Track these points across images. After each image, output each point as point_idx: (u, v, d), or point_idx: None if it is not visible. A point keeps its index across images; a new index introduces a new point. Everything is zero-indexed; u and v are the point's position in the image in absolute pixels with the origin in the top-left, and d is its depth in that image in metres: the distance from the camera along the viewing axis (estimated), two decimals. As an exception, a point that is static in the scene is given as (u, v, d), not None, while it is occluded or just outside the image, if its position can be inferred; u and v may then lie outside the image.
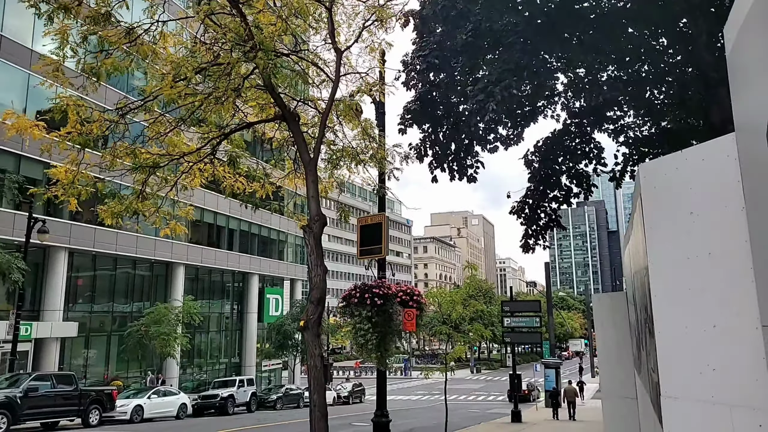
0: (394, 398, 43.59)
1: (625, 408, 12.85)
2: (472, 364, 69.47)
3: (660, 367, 5.60)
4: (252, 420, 22.57)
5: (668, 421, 5.47)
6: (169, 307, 27.73)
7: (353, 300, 9.19)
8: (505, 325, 23.05)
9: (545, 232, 9.98)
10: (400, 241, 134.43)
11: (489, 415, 27.34)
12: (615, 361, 13.24)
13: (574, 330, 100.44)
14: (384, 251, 9.88)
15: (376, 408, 9.84)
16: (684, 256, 5.50)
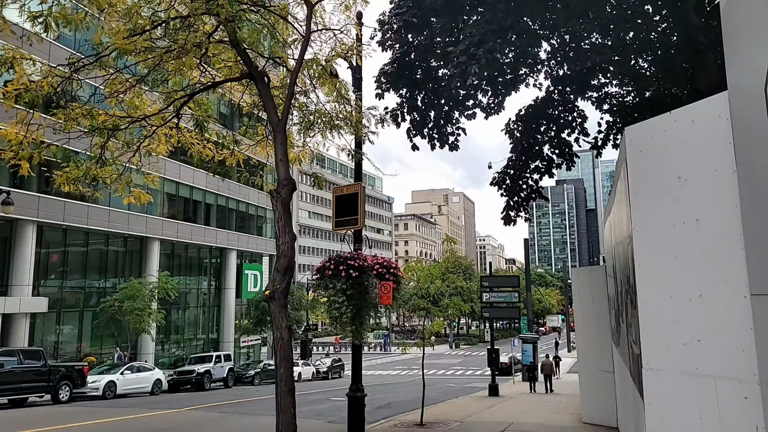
0: (374, 373, 43.83)
1: (601, 381, 12.85)
2: (451, 340, 70.17)
3: (642, 338, 5.41)
4: (228, 395, 22.34)
5: (650, 394, 5.30)
6: (143, 282, 27.12)
7: (327, 272, 8.84)
8: (484, 300, 23.00)
9: (527, 204, 9.73)
10: (381, 218, 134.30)
11: (467, 389, 27.52)
12: (592, 335, 13.21)
13: (552, 306, 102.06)
14: (360, 222, 9.52)
15: (352, 382, 9.60)
16: (670, 223, 5.26)
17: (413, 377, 39.40)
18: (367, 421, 14.73)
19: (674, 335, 4.93)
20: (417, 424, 12.69)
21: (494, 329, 24.44)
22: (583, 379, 13.03)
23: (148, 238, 33.93)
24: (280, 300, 5.47)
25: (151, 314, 25.21)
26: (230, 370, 28.64)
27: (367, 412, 17.38)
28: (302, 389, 27.28)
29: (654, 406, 5.08)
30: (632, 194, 5.53)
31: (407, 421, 13.32)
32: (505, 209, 9.88)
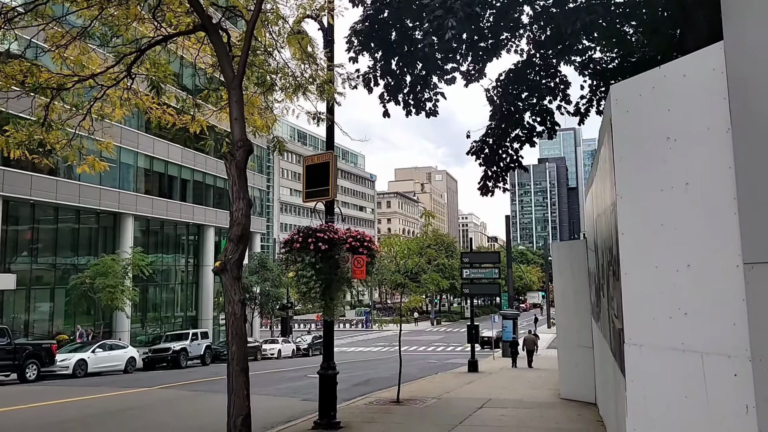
0: (355, 350, 43.78)
1: (580, 357, 12.67)
2: (432, 317, 70.52)
3: (625, 311, 5.05)
4: (203, 373, 21.95)
5: (632, 371, 4.97)
6: (115, 258, 26.35)
7: (296, 245, 8.37)
8: (465, 277, 22.78)
9: (506, 174, 9.31)
10: (364, 195, 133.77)
11: (447, 365, 27.47)
12: (572, 310, 12.99)
13: (532, 283, 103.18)
14: (331, 193, 9.03)
15: (323, 360, 9.21)
16: (657, 188, 4.86)
17: (394, 354, 39.38)
18: (344, 398, 14.49)
19: (659, 308, 4.57)
20: (393, 401, 12.41)
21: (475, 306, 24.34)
22: (562, 355, 12.85)
23: (122, 214, 33.02)
24: (233, 272, 4.99)
25: (124, 291, 24.53)
26: (207, 347, 28.20)
27: (344, 389, 17.14)
28: (281, 366, 27.05)
29: (636, 383, 4.74)
30: (617, 158, 5.11)
31: (384, 398, 13.04)
32: (482, 179, 9.44)
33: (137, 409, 12.08)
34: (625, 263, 4.94)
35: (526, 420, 9.49)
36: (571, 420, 9.45)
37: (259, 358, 32.57)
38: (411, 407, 11.51)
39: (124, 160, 33.17)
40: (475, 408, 11.06)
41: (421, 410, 11.02)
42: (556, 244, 13.96)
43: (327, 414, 8.82)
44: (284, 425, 9.52)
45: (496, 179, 9.44)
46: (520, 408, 11.11)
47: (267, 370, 24.01)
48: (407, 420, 9.66)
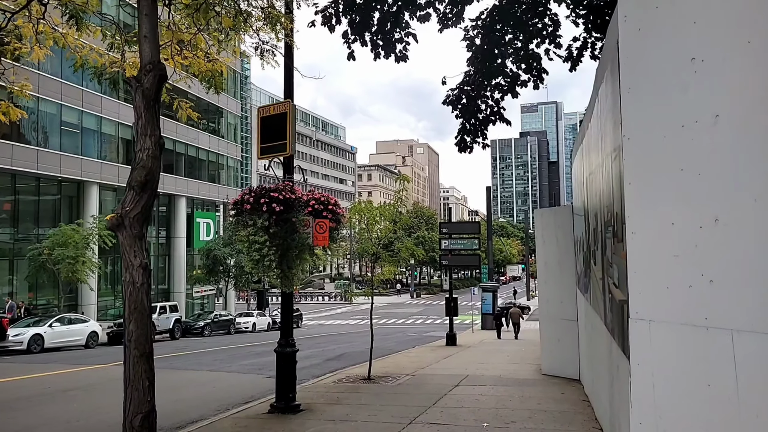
0: (333, 323, 43.14)
1: (564, 330, 11.92)
2: (412, 289, 70.18)
3: (631, 280, 4.10)
4: (170, 348, 20.93)
5: (638, 352, 4.05)
6: (76, 228, 24.86)
7: (246, 206, 7.29)
8: (443, 248, 21.93)
9: (486, 127, 8.29)
10: (344, 168, 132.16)
11: (425, 338, 26.86)
12: (555, 281, 12.18)
13: (512, 256, 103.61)
14: (289, 147, 7.92)
15: (281, 336, 8.23)
16: (676, 123, 3.87)
17: (372, 327, 38.82)
18: (314, 375, 13.65)
19: (676, 275, 3.63)
20: (364, 378, 11.56)
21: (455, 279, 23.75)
22: (544, 329, 12.07)
23: (85, 182, 31.38)
24: (133, 228, 3.93)
25: (86, 263, 23.19)
26: (177, 321, 27.15)
27: (316, 364, 16.30)
28: (253, 340, 26.15)
29: (643, 368, 3.83)
30: (624, 89, 4.09)
31: (355, 375, 12.19)
32: (460, 133, 8.41)
33: (81, 390, 11.05)
34: (632, 220, 3.98)
35: (506, 400, 8.68)
36: (555, 400, 8.66)
37: (233, 331, 31.64)
38: (382, 385, 10.66)
39: (87, 125, 31.39)
40: (451, 386, 10.24)
41: (392, 389, 10.17)
42: (539, 210, 12.97)
43: (285, 396, 7.88)
44: (239, 408, 8.58)
45: (475, 133, 8.41)
46: (499, 386, 10.33)
47: (237, 344, 23.09)
48: (376, 401, 8.78)
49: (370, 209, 11.33)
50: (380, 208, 11.43)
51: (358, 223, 11.76)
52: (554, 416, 7.41)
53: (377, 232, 11.66)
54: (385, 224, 11.58)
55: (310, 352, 19.65)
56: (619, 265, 4.45)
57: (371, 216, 11.27)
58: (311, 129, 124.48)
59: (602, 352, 6.11)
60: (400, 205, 11.97)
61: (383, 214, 11.44)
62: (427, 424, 7.00)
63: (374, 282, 12.20)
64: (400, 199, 12.03)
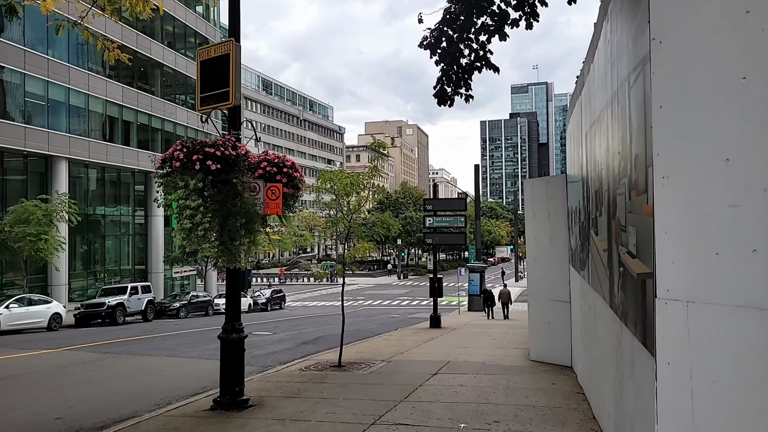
0: (317, 305, 42.14)
1: (554, 313, 10.84)
2: (399, 270, 69.31)
3: (660, 244, 2.86)
4: (138, 330, 19.71)
5: (671, 345, 2.78)
6: (38, 204, 23.33)
7: (176, 164, 6.03)
8: (427, 225, 20.76)
9: (470, 76, 7.04)
10: (333, 148, 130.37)
11: (410, 320, 25.88)
12: (546, 258, 11.07)
13: (501, 237, 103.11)
14: (232, 96, 6.63)
15: (226, 320, 7.03)
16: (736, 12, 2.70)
17: (356, 308, 37.80)
18: (281, 361, 12.53)
19: (730, 237, 2.45)
20: (334, 365, 10.44)
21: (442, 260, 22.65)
22: (533, 311, 10.98)
23: (54, 157, 29.73)
24: None
25: (48, 240, 21.75)
26: (150, 302, 25.87)
27: (288, 349, 15.18)
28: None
29: (677, 368, 2.68)
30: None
31: (325, 361, 11.07)
32: (439, 82, 7.15)
33: (12, 379, 9.82)
34: (663, 160, 2.79)
35: (489, 392, 7.58)
36: (545, 392, 7.57)
37: (211, 313, 30.45)
38: (353, 374, 9.54)
39: (54, 96, 29.63)
40: (429, 375, 9.14)
41: (362, 378, 9.04)
42: (530, 180, 11.76)
43: (230, 390, 6.71)
44: (182, 403, 7.40)
45: (457, 83, 7.16)
46: (483, 374, 9.24)
47: (211, 326, 21.89)
48: (340, 393, 7.65)
49: (340, 178, 10.09)
50: (353, 177, 10.19)
51: (323, 189, 10.50)
52: (544, 413, 6.31)
53: (348, 204, 10.44)
54: (361, 194, 10.36)
55: (285, 335, 18.54)
56: (639, 227, 3.27)
57: (342, 185, 10.03)
58: (298, 108, 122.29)
59: (605, 340, 4.98)
60: (375, 175, 10.73)
61: (355, 183, 10.20)
62: (393, 424, 5.87)
63: (346, 260, 11.02)
64: (375, 168, 10.80)
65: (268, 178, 7.08)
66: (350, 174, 10.24)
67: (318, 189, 10.31)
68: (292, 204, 7.54)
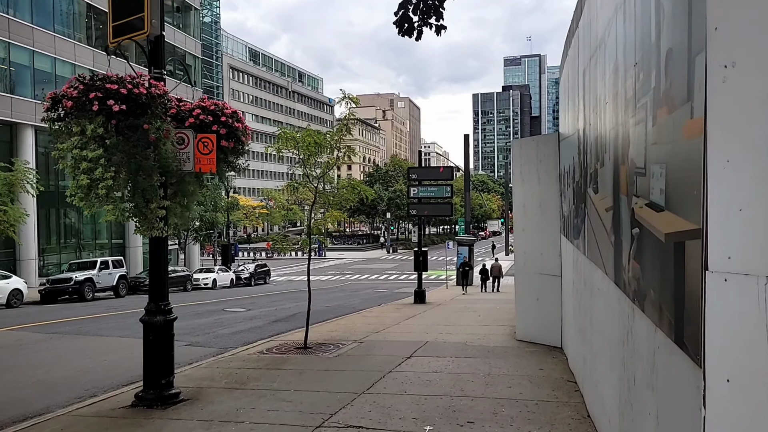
0: (303, 279, 41.17)
1: (543, 288, 9.76)
2: (388, 244, 68.41)
3: (715, 189, 1.82)
4: (101, 308, 18.55)
5: (730, 343, 1.84)
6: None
7: (67, 104, 4.78)
8: (412, 196, 19.62)
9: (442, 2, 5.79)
10: (322, 121, 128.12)
11: (396, 294, 24.95)
12: (535, 227, 9.96)
13: (492, 211, 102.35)
14: (148, 24, 5.35)
15: (149, 300, 5.89)
16: None
17: (342, 283, 36.89)
18: (244, 341, 11.41)
19: None
20: (299, 347, 9.38)
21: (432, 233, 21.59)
22: (520, 285, 9.93)
23: (18, 124, 28.07)
24: None
25: (8, 212, 20.39)
26: (122, 277, 24.66)
27: (259, 327, 14.09)
28: (208, 298, 23.86)
29: (744, 389, 1.56)
30: None
31: (291, 342, 10.01)
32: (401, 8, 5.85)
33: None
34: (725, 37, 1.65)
35: (467, 381, 6.53)
36: (531, 380, 6.53)
37: (189, 288, 29.32)
38: (317, 357, 8.48)
39: (16, 59, 27.83)
40: (402, 358, 8.09)
41: (326, 363, 7.98)
42: (518, 141, 10.57)
43: (155, 383, 5.60)
44: (104, 396, 6.29)
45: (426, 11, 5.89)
46: (462, 357, 8.20)
47: (185, 302, 20.81)
48: (294, 383, 6.57)
49: (304, 137, 8.86)
50: (318, 136, 8.96)
51: (304, 162, 9.25)
52: (529, 409, 5.26)
53: (313, 168, 9.23)
54: (326, 157, 9.15)
55: (259, 311, 17.49)
56: (672, 161, 2.11)
57: (305, 146, 8.81)
58: (287, 80, 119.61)
59: (606, 325, 3.88)
60: (345, 135, 9.50)
61: (321, 144, 8.97)
62: (343, 427, 4.79)
63: (313, 231, 9.86)
64: (346, 126, 9.56)
65: (201, 129, 5.87)
66: (315, 133, 9.00)
67: (278, 149, 9.07)
68: (235, 161, 6.33)
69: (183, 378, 6.98)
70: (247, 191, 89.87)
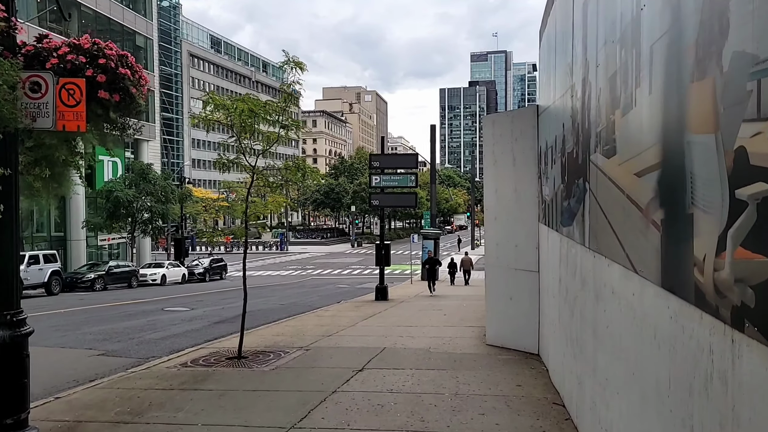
0: (262, 274, 39.43)
1: (517, 285, 8.50)
2: (353, 238, 66.92)
3: None
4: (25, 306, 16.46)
5: None
6: None
7: None
8: (374, 185, 18.19)
9: None
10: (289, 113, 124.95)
11: (357, 291, 23.55)
12: (509, 217, 8.67)
13: (458, 205, 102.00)
14: None
15: (-7, 307, 4.25)
16: None
17: (303, 278, 35.26)
18: (171, 349, 9.59)
19: None
20: (231, 357, 7.87)
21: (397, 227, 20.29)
22: (491, 282, 8.63)
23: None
24: None
25: None
26: (55, 273, 22.48)
27: (195, 330, 12.37)
28: (152, 295, 21.84)
29: None
30: None
31: (224, 350, 8.49)
32: None
33: None
34: None
35: (428, 407, 5.16)
36: (509, 403, 5.21)
37: (135, 284, 27.21)
38: (249, 370, 7.00)
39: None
40: (352, 371, 6.68)
41: (257, 380, 6.49)
42: (490, 117, 9.29)
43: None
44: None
45: None
46: (424, 369, 6.84)
47: (122, 301, 18.93)
48: (206, 411, 5.07)
49: (235, 102, 7.32)
50: (253, 102, 7.42)
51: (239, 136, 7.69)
52: (510, 451, 3.91)
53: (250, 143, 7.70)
54: (259, 128, 7.63)
55: (204, 311, 15.79)
56: None
57: (237, 113, 7.27)
58: (250, 69, 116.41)
59: (639, 349, 2.52)
60: (290, 104, 8.01)
61: (257, 113, 7.45)
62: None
63: (249, 218, 8.33)
64: (290, 95, 8.06)
65: (69, 71, 4.30)
66: (250, 99, 7.45)
67: (205, 121, 7.50)
68: (122, 121, 4.77)
69: (62, 406, 5.41)
70: (207, 183, 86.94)
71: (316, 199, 71.44)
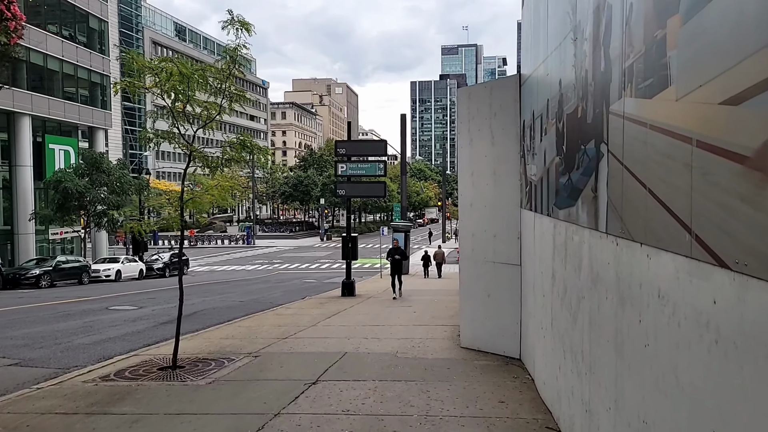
0: (226, 269, 37.97)
1: (496, 281, 7.50)
2: (322, 232, 65.54)
3: None
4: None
5: None
6: None
7: None
8: (340, 173, 17.05)
9: None
10: (256, 104, 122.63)
11: (324, 285, 22.40)
12: (486, 203, 7.63)
13: (430, 199, 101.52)
14: None
15: None
16: None
17: (268, 273, 33.85)
18: (103, 356, 8.30)
19: None
20: (165, 366, 6.69)
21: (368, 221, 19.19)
22: (466, 277, 7.63)
23: None
24: None
25: None
26: (-7, 270, 20.68)
27: (137, 332, 10.81)
28: (101, 293, 20.06)
29: None
30: None
31: (160, 357, 7.29)
32: None
33: None
34: None
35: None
36: (491, 424, 4.22)
37: (86, 281, 25.44)
38: (181, 385, 5.84)
39: None
40: (305, 385, 5.60)
41: (187, 398, 5.34)
42: (465, 89, 8.17)
43: None
44: None
45: None
46: (389, 380, 5.80)
47: (66, 299, 17.37)
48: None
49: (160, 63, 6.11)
50: (183, 65, 6.22)
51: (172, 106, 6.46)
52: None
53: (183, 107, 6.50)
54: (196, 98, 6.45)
55: (152, 309, 14.44)
56: None
57: (166, 77, 6.05)
58: (216, 58, 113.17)
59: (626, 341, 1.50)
60: (235, 69, 6.85)
61: (191, 77, 6.26)
62: None
63: (187, 205, 7.14)
64: (234, 59, 6.89)
65: None
66: (181, 62, 6.24)
67: (132, 87, 6.26)
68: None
69: None
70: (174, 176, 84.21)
71: (285, 192, 69.70)
